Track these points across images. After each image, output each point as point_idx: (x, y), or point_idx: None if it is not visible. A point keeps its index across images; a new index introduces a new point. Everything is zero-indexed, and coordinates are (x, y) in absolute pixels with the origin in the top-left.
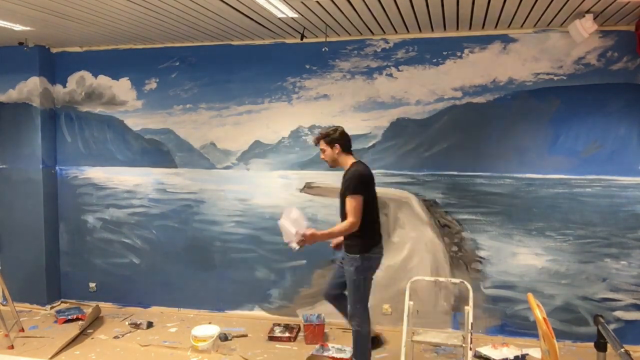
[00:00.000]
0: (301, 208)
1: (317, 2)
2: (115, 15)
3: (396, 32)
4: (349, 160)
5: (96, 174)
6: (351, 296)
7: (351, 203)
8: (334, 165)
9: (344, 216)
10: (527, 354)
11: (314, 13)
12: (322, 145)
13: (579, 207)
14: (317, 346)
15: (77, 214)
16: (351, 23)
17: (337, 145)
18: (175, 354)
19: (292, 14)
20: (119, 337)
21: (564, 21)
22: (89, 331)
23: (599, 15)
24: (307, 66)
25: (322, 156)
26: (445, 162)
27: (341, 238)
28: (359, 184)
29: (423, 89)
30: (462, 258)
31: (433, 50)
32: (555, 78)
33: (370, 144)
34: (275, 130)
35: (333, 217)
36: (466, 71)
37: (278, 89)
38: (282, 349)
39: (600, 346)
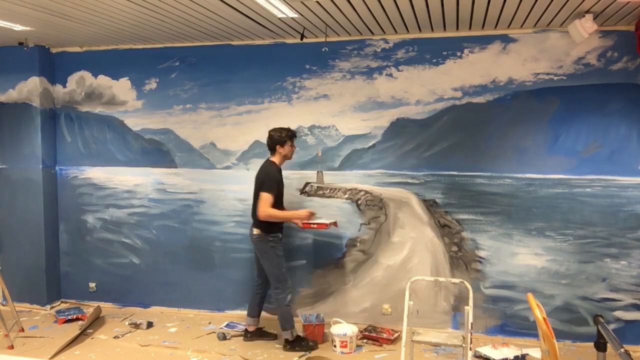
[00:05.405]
0: (301, 208)
1: (317, 2)
2: (115, 15)
3: (396, 32)
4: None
5: (96, 174)
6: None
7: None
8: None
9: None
10: (527, 354)
11: (314, 13)
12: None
13: (579, 207)
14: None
15: (77, 214)
16: (351, 23)
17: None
18: (175, 354)
19: (292, 14)
20: (119, 337)
21: (564, 21)
22: (89, 331)
23: (599, 15)
24: (307, 66)
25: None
26: (445, 162)
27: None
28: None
29: (423, 89)
30: (462, 258)
31: (433, 50)
32: (555, 78)
33: (370, 144)
34: None
35: (333, 217)
36: (466, 71)
37: (278, 89)
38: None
39: (600, 346)
